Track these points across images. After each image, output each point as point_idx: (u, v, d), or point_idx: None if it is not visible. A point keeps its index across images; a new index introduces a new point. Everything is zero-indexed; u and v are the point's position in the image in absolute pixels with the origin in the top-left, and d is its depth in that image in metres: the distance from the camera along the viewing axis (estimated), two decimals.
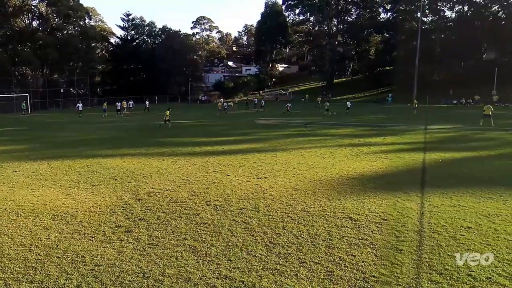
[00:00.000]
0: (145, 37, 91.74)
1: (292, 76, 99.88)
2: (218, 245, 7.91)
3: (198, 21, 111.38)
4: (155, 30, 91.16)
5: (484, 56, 76.04)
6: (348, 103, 45.82)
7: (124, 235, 8.42)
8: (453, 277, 6.56)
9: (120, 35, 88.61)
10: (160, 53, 78.96)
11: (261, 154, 18.50)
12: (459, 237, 8.23)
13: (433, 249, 7.63)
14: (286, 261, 7.17)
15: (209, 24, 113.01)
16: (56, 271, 6.80)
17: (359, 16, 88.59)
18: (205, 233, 8.51)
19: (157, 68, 78.44)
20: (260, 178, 13.58)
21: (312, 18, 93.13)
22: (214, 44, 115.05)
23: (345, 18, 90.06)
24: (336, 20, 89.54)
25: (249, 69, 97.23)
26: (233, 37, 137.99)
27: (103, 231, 8.68)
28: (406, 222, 9.07)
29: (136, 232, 8.60)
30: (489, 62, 70.72)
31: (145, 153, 18.80)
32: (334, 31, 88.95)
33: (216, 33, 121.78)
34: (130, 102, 54.11)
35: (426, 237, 8.22)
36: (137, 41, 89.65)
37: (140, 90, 72.96)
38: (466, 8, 76.01)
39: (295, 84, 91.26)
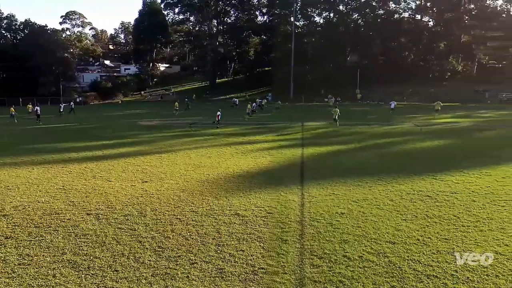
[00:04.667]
0: (3, 32, 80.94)
1: (174, 76, 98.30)
2: (102, 256, 7.42)
3: (67, 16, 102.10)
4: (16, 24, 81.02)
5: (348, 58, 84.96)
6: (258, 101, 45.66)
7: None
8: (332, 259, 7.23)
9: None
10: (24, 50, 70.43)
11: (146, 156, 17.86)
12: (335, 222, 9.09)
13: (313, 236, 8.29)
14: (177, 264, 7.07)
15: (81, 20, 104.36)
16: None
17: (238, 18, 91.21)
18: (86, 245, 7.90)
19: (20, 67, 69.80)
20: (146, 181, 13.11)
21: (192, 18, 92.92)
22: (88, 42, 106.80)
23: (225, 19, 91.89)
24: (216, 21, 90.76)
25: (129, 69, 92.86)
26: (109, 35, 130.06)
27: None
28: (289, 214, 9.68)
29: (2, 253, 7.57)
30: (353, 64, 79.27)
31: (10, 163, 16.61)
32: (214, 31, 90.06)
33: (90, 29, 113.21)
34: (71, 103, 46.31)
35: (307, 226, 8.90)
36: None
37: (1, 92, 64.20)
38: (332, 15, 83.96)
39: (178, 84, 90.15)
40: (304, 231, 8.62)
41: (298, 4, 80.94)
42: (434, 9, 79.94)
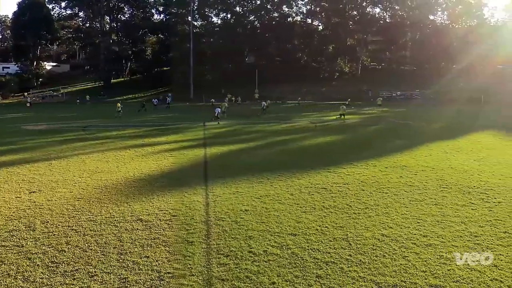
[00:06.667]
0: None
1: (64, 75, 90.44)
2: None
3: None
4: None
5: (246, 59, 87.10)
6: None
7: None
8: (238, 256, 7.37)
9: None
10: None
11: (33, 164, 16.15)
12: (240, 220, 9.26)
13: (219, 235, 8.35)
14: (74, 279, 6.56)
15: None
16: None
17: (133, 15, 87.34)
18: None
19: None
20: (34, 192, 11.88)
21: (81, 13, 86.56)
22: None
23: (119, 16, 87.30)
24: (109, 18, 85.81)
25: (8, 67, 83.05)
26: None
27: None
28: (194, 215, 9.61)
29: None
30: (251, 64, 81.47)
31: None
32: (107, 29, 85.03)
33: None
34: None
35: (213, 225, 8.93)
36: None
37: None
38: (229, 16, 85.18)
39: (68, 84, 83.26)
40: (210, 231, 8.63)
41: (195, 4, 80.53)
42: (323, 14, 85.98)
